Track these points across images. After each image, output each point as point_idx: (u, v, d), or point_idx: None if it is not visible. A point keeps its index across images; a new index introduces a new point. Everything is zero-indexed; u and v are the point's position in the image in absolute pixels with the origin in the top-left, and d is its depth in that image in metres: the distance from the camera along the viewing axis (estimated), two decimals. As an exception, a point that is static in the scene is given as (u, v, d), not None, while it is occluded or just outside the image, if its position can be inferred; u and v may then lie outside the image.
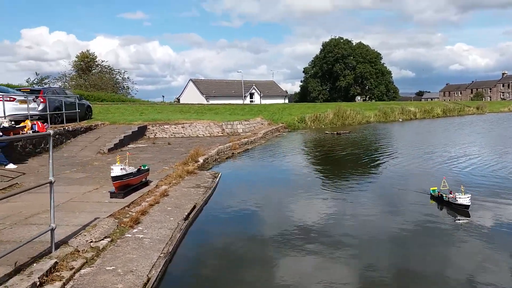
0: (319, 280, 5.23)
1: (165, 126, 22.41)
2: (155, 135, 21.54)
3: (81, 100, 22.23)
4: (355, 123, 38.09)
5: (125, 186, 8.32)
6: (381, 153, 17.56)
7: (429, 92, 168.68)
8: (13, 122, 13.31)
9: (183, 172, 11.41)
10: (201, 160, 13.87)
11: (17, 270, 4.49)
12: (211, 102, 51.05)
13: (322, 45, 75.17)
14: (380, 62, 74.31)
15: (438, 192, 8.86)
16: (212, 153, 15.57)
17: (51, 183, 4.91)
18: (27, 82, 58.40)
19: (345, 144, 21.41)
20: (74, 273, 4.82)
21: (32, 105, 16.70)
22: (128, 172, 8.38)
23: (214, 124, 23.60)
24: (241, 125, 24.04)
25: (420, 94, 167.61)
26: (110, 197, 8.14)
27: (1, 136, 11.59)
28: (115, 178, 8.04)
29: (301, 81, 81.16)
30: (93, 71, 69.60)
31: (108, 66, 70.48)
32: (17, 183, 9.33)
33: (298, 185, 11.44)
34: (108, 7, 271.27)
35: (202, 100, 53.35)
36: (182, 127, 22.67)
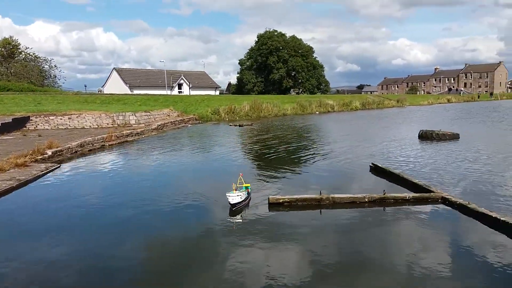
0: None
1: (51, 118, 21.87)
2: (36, 126, 20.99)
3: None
4: (271, 115, 38.96)
5: None
6: (254, 143, 18.19)
7: (369, 85, 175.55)
8: None
9: (8, 165, 11.29)
10: (49, 152, 13.73)
11: None
12: (135, 92, 50.14)
13: (257, 37, 75.73)
14: (312, 56, 76.16)
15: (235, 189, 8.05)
16: (72, 145, 15.42)
17: None
18: None
19: (237, 135, 21.99)
20: None
21: None
22: None
23: (106, 115, 23.31)
24: (134, 117, 23.90)
25: (360, 87, 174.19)
26: None
27: None
28: None
29: (237, 73, 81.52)
30: (16, 58, 66.22)
31: (33, 54, 67.51)
32: None
33: (133, 188, 10.31)
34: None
35: (126, 90, 52.24)
36: (69, 119, 22.21)
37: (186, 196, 9.03)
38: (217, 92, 65.13)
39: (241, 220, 7.48)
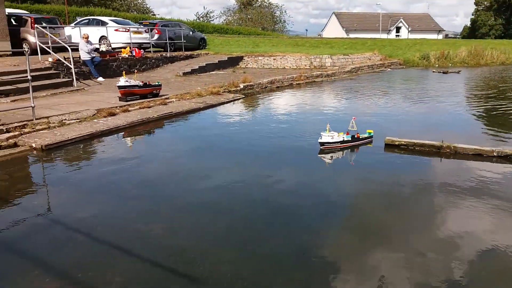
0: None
1: (259, 58, 25.13)
2: (247, 65, 24.59)
3: (194, 33, 26.60)
4: (496, 63, 33.85)
5: (129, 94, 11.78)
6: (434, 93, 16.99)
7: None
8: (110, 47, 18.11)
9: (205, 92, 14.36)
10: (241, 85, 16.46)
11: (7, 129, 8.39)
12: (351, 35, 50.64)
13: (503, -30, 63.54)
14: None
15: (347, 132, 8.38)
16: (263, 82, 17.90)
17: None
18: (195, 15, 67.54)
19: (433, 82, 20.78)
20: (37, 131, 8.53)
21: (144, 35, 21.52)
22: (131, 84, 11.78)
23: (305, 57, 25.19)
24: (330, 59, 24.97)
25: None
26: (119, 100, 11.76)
27: (99, 57, 16.37)
28: (119, 87, 11.57)
29: (472, 15, 71.16)
30: (254, 5, 75.07)
31: (267, 1, 74.99)
32: (83, 88, 13.82)
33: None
34: None
35: (342, 34, 53.15)
36: (273, 59, 25.05)
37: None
38: (440, 36, 59.04)
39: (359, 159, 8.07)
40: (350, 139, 8.24)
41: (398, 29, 57.20)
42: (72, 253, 4.34)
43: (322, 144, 8.00)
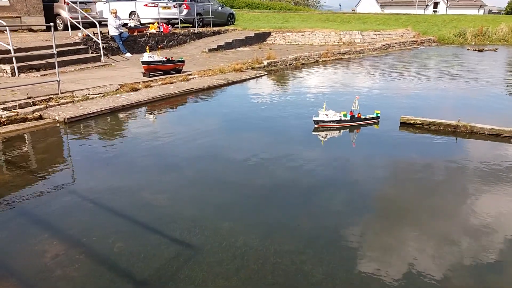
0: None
1: (287, 34, 24.83)
2: (274, 41, 24.36)
3: (223, 8, 26.51)
4: (540, 40, 32.03)
5: (152, 69, 12.04)
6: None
7: None
8: (138, 23, 18.39)
9: (228, 68, 14.45)
10: (265, 62, 16.43)
11: (34, 102, 8.84)
12: (386, 11, 48.95)
13: None
14: None
15: (351, 112, 8.24)
16: (288, 58, 17.77)
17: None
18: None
19: (467, 61, 20.01)
20: (61, 104, 8.95)
21: (173, 10, 21.65)
22: (155, 60, 12.01)
23: (334, 33, 24.69)
24: (360, 35, 24.36)
25: None
26: (142, 76, 12.05)
27: (127, 32, 16.70)
28: (143, 63, 11.85)
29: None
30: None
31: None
32: (110, 64, 14.21)
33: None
34: None
35: (377, 9, 51.44)
36: (302, 35, 24.70)
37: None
38: (481, 12, 56.08)
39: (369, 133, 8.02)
40: (348, 118, 8.05)
41: (436, 5, 54.66)
42: (80, 219, 4.66)
43: (316, 122, 7.96)
